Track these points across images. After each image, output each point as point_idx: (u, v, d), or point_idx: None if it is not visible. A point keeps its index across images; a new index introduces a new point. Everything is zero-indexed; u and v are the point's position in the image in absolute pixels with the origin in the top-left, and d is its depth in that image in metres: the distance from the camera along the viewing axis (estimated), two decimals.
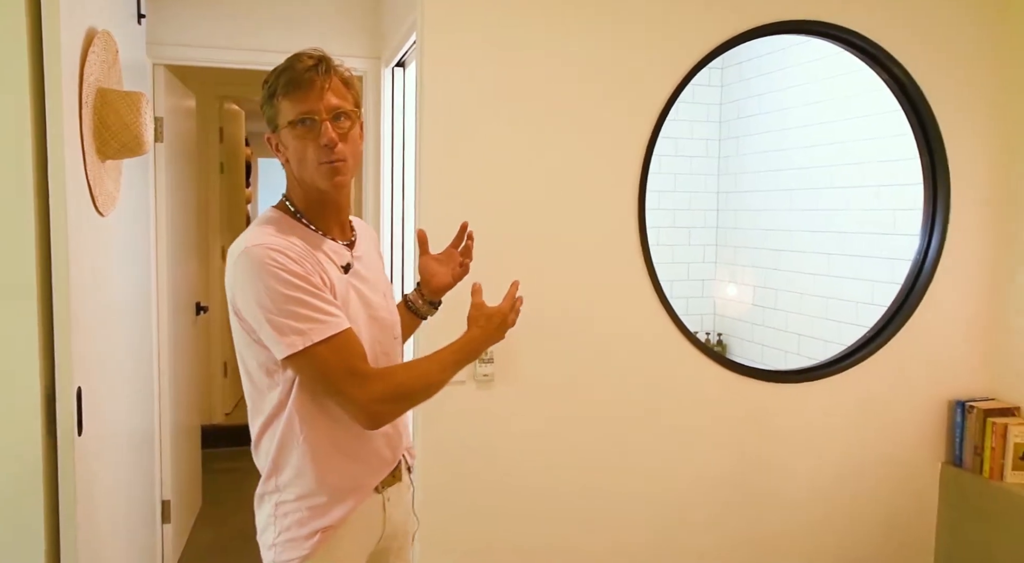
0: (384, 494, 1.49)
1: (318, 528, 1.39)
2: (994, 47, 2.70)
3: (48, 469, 1.70)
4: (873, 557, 2.76)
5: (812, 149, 3.78)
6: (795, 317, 3.88)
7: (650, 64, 2.40)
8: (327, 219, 1.44)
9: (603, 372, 2.44)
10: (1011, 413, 2.67)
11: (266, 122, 1.41)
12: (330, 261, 1.39)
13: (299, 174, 1.39)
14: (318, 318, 1.29)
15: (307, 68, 1.33)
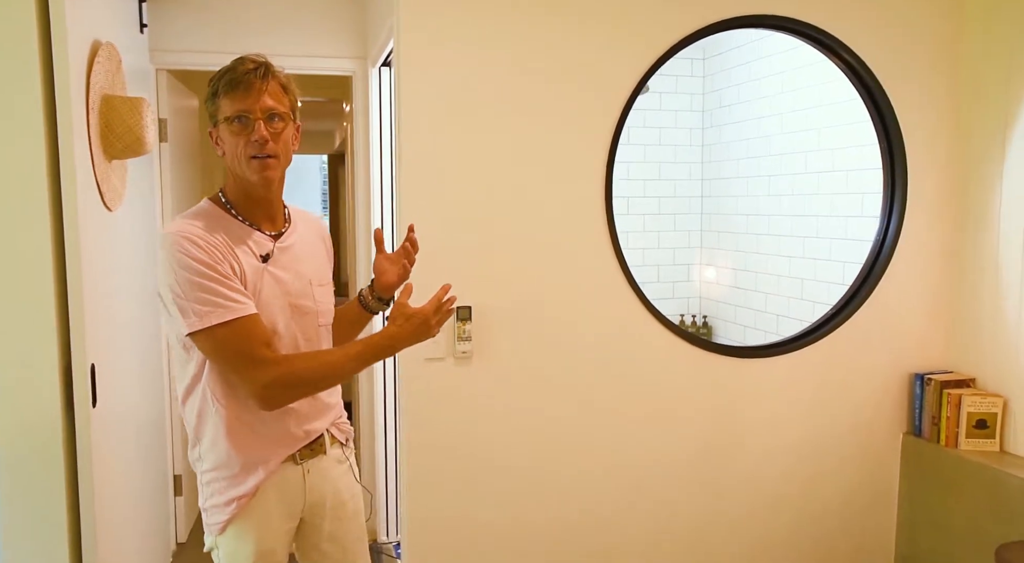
0: (304, 466, 1.62)
1: (234, 496, 1.55)
2: (949, 35, 2.84)
3: (67, 438, 1.91)
4: (838, 523, 2.93)
5: (789, 136, 3.92)
6: (774, 298, 4.04)
7: (614, 60, 2.56)
8: (255, 211, 1.55)
9: (575, 351, 2.61)
10: (967, 384, 2.82)
11: (208, 117, 1.54)
12: (249, 250, 1.51)
13: (232, 167, 1.52)
14: (219, 302, 1.40)
15: (247, 71, 1.47)
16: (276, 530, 1.60)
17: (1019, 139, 2.65)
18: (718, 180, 4.52)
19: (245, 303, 1.44)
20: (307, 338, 1.61)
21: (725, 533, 2.82)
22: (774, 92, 4.02)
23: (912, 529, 2.91)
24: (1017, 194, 2.66)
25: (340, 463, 1.72)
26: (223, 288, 1.42)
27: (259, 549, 1.57)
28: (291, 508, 1.63)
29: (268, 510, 1.59)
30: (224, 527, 1.57)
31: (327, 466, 1.68)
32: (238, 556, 1.57)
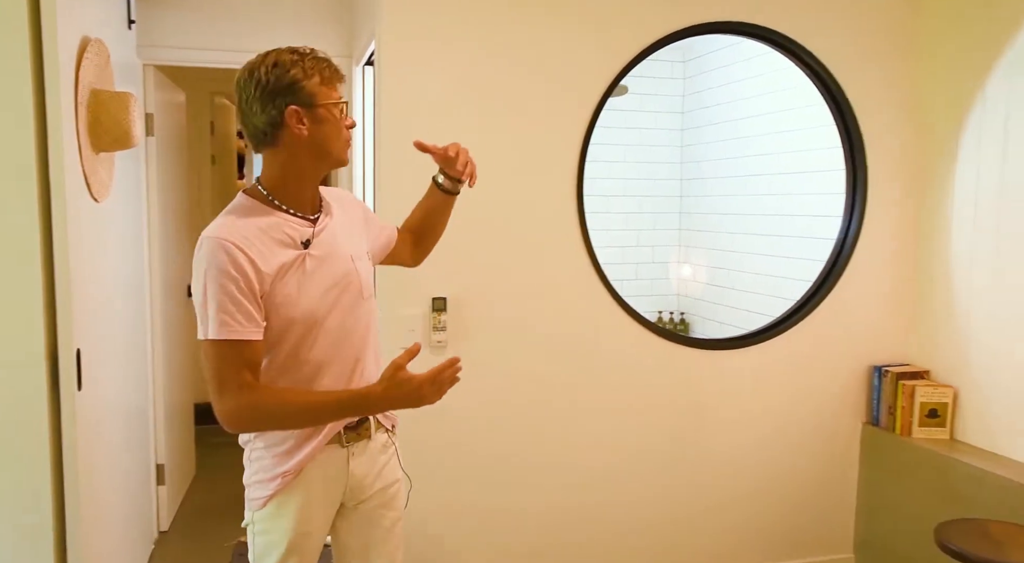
0: (349, 449, 1.65)
1: (279, 472, 1.59)
2: (906, 41, 2.96)
3: (53, 419, 1.99)
4: (801, 508, 3.05)
5: (763, 138, 4.04)
6: (748, 296, 4.15)
7: (587, 62, 2.67)
8: (301, 195, 1.58)
9: (547, 342, 2.71)
10: (921, 376, 2.94)
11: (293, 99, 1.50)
12: (288, 239, 1.54)
13: (322, 148, 1.55)
14: (223, 319, 1.44)
15: (334, 66, 1.58)
16: (315, 514, 1.63)
17: (969, 145, 2.77)
18: (697, 180, 4.63)
19: (246, 326, 1.46)
20: (355, 311, 1.64)
21: (694, 517, 2.93)
22: (750, 95, 4.14)
23: (870, 513, 3.03)
24: (966, 198, 2.78)
25: (385, 449, 1.74)
26: (234, 306, 1.45)
27: (297, 529, 1.60)
28: (333, 492, 1.66)
29: (310, 491, 1.61)
30: (265, 502, 1.59)
31: (372, 451, 1.70)
32: (274, 532, 1.60)
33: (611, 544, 2.85)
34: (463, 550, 2.69)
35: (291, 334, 1.55)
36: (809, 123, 3.64)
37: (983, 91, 2.72)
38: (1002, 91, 2.65)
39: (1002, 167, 2.65)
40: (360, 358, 1.65)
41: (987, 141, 2.71)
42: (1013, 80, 2.60)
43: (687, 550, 2.93)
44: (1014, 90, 2.60)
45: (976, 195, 2.75)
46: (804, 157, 3.74)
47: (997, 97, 2.67)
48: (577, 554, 2.81)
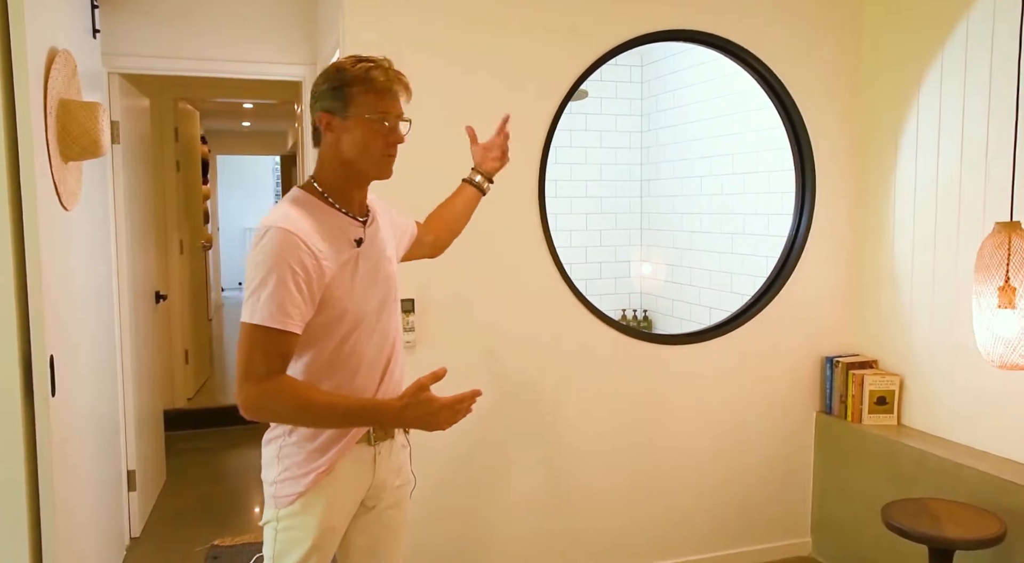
0: (376, 448, 1.68)
1: (312, 469, 1.59)
2: (849, 48, 3.11)
3: (27, 424, 2.02)
4: (759, 494, 3.18)
5: (717, 139, 4.18)
6: (707, 292, 4.29)
7: (547, 68, 2.76)
8: (351, 199, 1.62)
9: (511, 339, 2.80)
10: (870, 366, 3.09)
11: (327, 105, 1.55)
12: (343, 237, 1.59)
13: (353, 159, 1.57)
14: (272, 308, 1.46)
15: (393, 78, 1.56)
16: (341, 509, 1.65)
17: (907, 146, 2.93)
18: (656, 181, 4.76)
19: (292, 319, 1.48)
20: (391, 310, 1.70)
21: (656, 505, 3.04)
22: (704, 98, 4.28)
23: (824, 497, 3.17)
24: (907, 196, 2.94)
25: (404, 448, 1.78)
26: (287, 297, 1.46)
27: (323, 525, 1.61)
28: (359, 488, 1.68)
29: (339, 488, 1.63)
30: (295, 499, 1.59)
31: (395, 450, 1.73)
32: (301, 528, 1.60)
33: (574, 533, 2.94)
34: (434, 543, 2.77)
35: (339, 329, 1.58)
36: (760, 124, 3.79)
37: (919, 95, 2.87)
38: (935, 95, 2.80)
39: (936, 167, 2.80)
40: (391, 359, 1.69)
41: (923, 142, 2.86)
42: (944, 85, 2.76)
43: (649, 537, 3.04)
44: (946, 94, 2.75)
45: (915, 194, 2.90)
46: (756, 157, 3.89)
47: (931, 101, 2.82)
48: (541, 543, 2.90)
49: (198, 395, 5.47)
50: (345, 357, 1.61)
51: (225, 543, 3.35)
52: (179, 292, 5.15)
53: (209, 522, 3.61)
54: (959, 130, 2.71)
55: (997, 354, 2.21)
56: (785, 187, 3.72)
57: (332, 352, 1.59)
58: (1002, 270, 2.19)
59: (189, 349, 5.31)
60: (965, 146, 2.69)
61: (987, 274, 2.22)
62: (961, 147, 2.70)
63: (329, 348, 1.59)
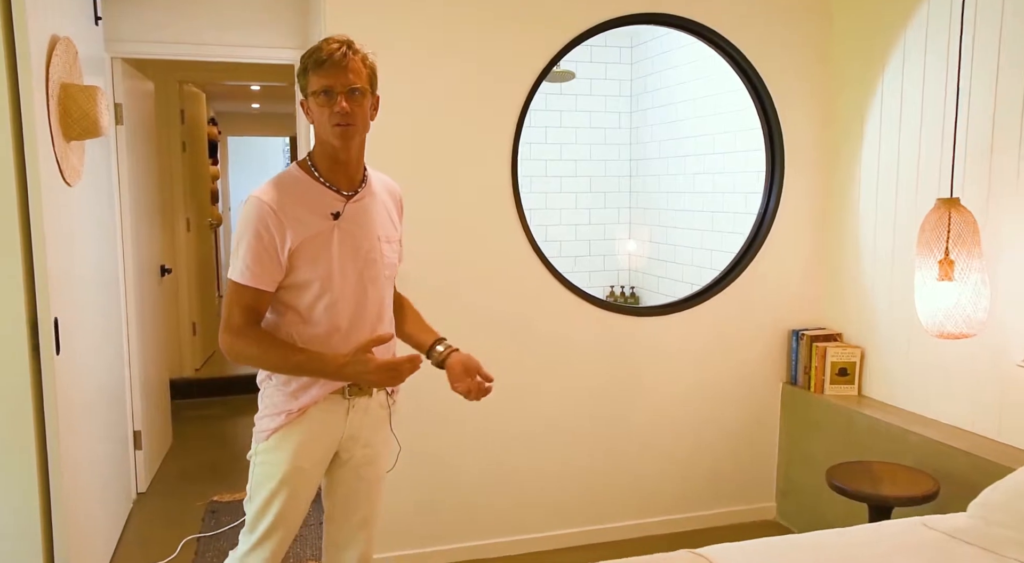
0: (350, 402, 1.81)
1: (285, 409, 1.77)
2: (818, 33, 3.22)
3: (34, 380, 2.22)
4: (728, 461, 3.34)
5: (700, 120, 4.30)
6: (689, 269, 4.43)
7: (519, 54, 2.90)
8: (336, 173, 1.77)
9: (488, 313, 2.97)
10: (834, 339, 3.24)
11: (301, 89, 1.76)
12: (322, 208, 1.74)
13: (318, 134, 1.74)
14: (242, 266, 1.69)
15: (331, 51, 1.68)
16: (312, 452, 1.79)
17: (872, 129, 3.05)
18: (644, 161, 4.89)
19: (260, 276, 1.69)
20: (372, 279, 1.82)
21: (630, 471, 3.21)
22: (689, 78, 4.39)
23: (789, 464, 3.33)
24: (870, 177, 3.06)
25: (382, 409, 1.90)
26: (255, 258, 1.68)
27: (293, 462, 1.76)
28: (331, 437, 1.82)
29: (310, 430, 1.78)
30: (270, 435, 1.77)
31: (371, 408, 1.86)
32: (273, 463, 1.77)
33: (549, 498, 3.13)
34: (405, 511, 2.96)
35: (307, 294, 1.74)
36: (739, 105, 3.90)
37: (883, 80, 2.98)
38: (897, 79, 2.91)
39: (897, 148, 2.92)
40: (373, 331, 1.81)
41: (886, 125, 2.98)
42: (906, 69, 2.87)
43: (622, 500, 3.22)
44: (907, 80, 2.87)
45: (877, 174, 3.03)
46: (735, 138, 4.01)
47: (893, 87, 2.94)
48: (520, 508, 3.09)
49: (206, 366, 5.70)
50: (316, 322, 1.76)
51: (223, 499, 3.57)
52: (185, 267, 5.36)
53: (211, 481, 3.83)
54: (918, 113, 2.83)
55: (936, 324, 2.35)
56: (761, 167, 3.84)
57: (304, 314, 1.76)
58: (942, 244, 2.33)
59: (197, 322, 5.53)
60: (923, 129, 2.81)
61: (928, 249, 2.36)
62: (920, 129, 2.82)
63: (301, 310, 1.76)
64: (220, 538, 3.21)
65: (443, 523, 3.01)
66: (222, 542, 3.18)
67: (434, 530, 2.99)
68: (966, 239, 2.26)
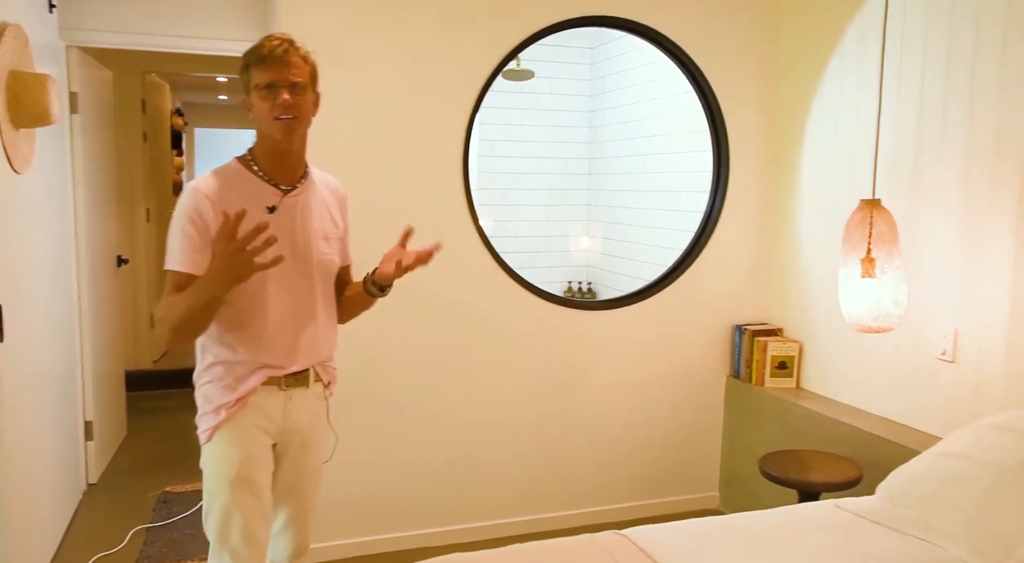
0: (287, 392, 1.83)
1: (222, 403, 1.77)
2: (765, 40, 3.33)
3: None
4: (673, 452, 3.44)
5: (657, 120, 4.40)
6: (644, 266, 4.53)
7: (470, 54, 2.96)
8: (276, 166, 1.79)
9: (440, 307, 3.03)
10: (775, 333, 3.35)
11: (243, 85, 1.77)
12: (258, 201, 1.76)
13: (260, 128, 1.76)
14: (175, 252, 1.71)
15: (272, 47, 1.72)
16: (257, 439, 1.79)
17: (812, 130, 3.16)
18: (602, 159, 4.99)
19: (193, 262, 1.69)
20: (307, 282, 1.83)
21: (575, 461, 3.29)
22: (645, 80, 4.49)
23: (732, 455, 3.44)
24: (810, 179, 3.17)
25: (319, 400, 1.92)
26: (188, 243, 1.70)
27: (245, 453, 1.77)
28: (270, 426, 1.83)
29: (251, 421, 1.79)
30: (211, 434, 1.76)
31: (308, 398, 1.88)
32: (223, 460, 1.76)
33: (497, 488, 3.20)
34: (350, 494, 3.01)
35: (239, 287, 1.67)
36: (691, 107, 4.00)
37: (821, 87, 3.10)
38: (834, 88, 3.03)
39: (835, 150, 3.04)
40: (308, 325, 1.83)
41: (824, 131, 3.09)
42: (842, 77, 2.98)
43: (569, 490, 3.30)
44: (844, 85, 2.98)
45: (817, 175, 3.14)
46: (689, 138, 4.11)
47: (830, 93, 3.05)
48: (467, 497, 3.16)
49: (164, 358, 5.68)
50: (248, 313, 1.77)
51: (176, 489, 3.59)
52: (144, 258, 5.34)
53: (165, 471, 3.85)
54: (852, 119, 2.95)
55: (858, 319, 2.46)
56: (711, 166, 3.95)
57: (236, 310, 1.75)
58: (864, 243, 2.43)
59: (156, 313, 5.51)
60: (855, 134, 2.92)
61: (852, 247, 2.46)
62: (853, 134, 2.93)
63: (232, 306, 1.74)
64: (171, 528, 3.23)
65: (390, 512, 3.06)
66: (172, 532, 3.20)
67: (382, 519, 3.05)
68: (886, 238, 2.36)
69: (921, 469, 1.91)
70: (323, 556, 2.93)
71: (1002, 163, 2.37)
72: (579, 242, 5.10)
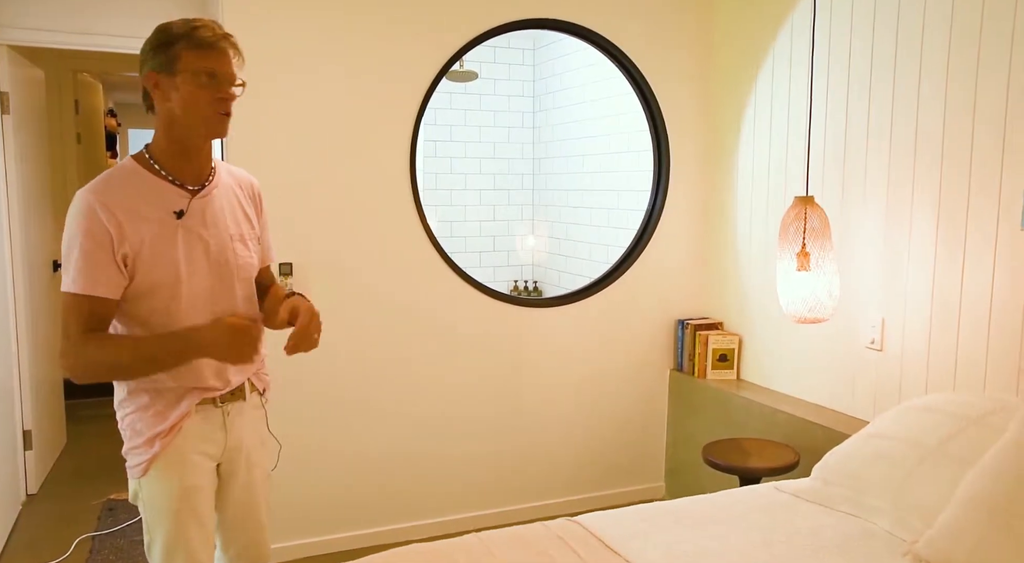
0: (224, 408, 1.68)
1: (155, 434, 1.60)
2: (702, 41, 3.45)
3: None
4: (619, 444, 3.53)
5: (598, 120, 4.50)
6: (587, 263, 4.63)
7: (417, 56, 2.99)
8: (183, 165, 1.59)
9: (387, 303, 3.05)
10: (716, 327, 3.47)
11: (154, 64, 1.54)
12: (163, 206, 1.57)
13: (182, 118, 1.54)
14: (78, 274, 1.51)
15: (219, 35, 1.56)
16: (198, 466, 1.63)
17: (747, 128, 3.29)
18: (546, 159, 5.07)
19: (100, 283, 1.50)
20: (227, 290, 1.67)
21: (525, 455, 3.35)
22: (587, 81, 4.59)
23: (676, 446, 3.55)
24: (745, 176, 3.30)
25: (256, 410, 1.79)
26: (91, 263, 1.49)
27: (184, 484, 1.61)
28: (212, 448, 1.68)
29: (189, 447, 1.62)
30: (147, 468, 1.59)
31: (246, 411, 1.74)
32: (162, 494, 1.60)
33: (446, 484, 3.24)
34: (302, 494, 3.02)
35: (154, 300, 1.57)
36: (632, 107, 4.11)
37: (756, 87, 3.23)
38: (767, 88, 3.16)
39: (768, 147, 3.17)
40: None
41: (758, 125, 3.23)
42: (774, 79, 3.12)
43: (521, 485, 3.36)
44: (776, 86, 3.12)
45: (752, 172, 3.27)
46: (629, 138, 4.22)
47: (764, 93, 3.19)
48: (416, 494, 3.19)
49: None
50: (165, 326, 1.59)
51: (121, 497, 3.52)
52: None
53: (109, 479, 3.76)
54: (784, 118, 3.08)
55: (794, 310, 2.58)
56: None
57: (152, 322, 1.58)
58: (799, 238, 2.56)
59: None
60: (789, 132, 3.06)
61: (787, 242, 2.58)
62: (787, 133, 3.07)
63: (144, 322, 1.58)
64: (117, 535, 3.17)
65: (336, 511, 3.07)
66: (119, 539, 3.14)
67: (328, 518, 3.05)
68: (819, 233, 2.49)
69: (851, 450, 2.03)
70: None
71: (920, 161, 2.52)
72: (525, 241, 5.18)
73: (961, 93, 2.38)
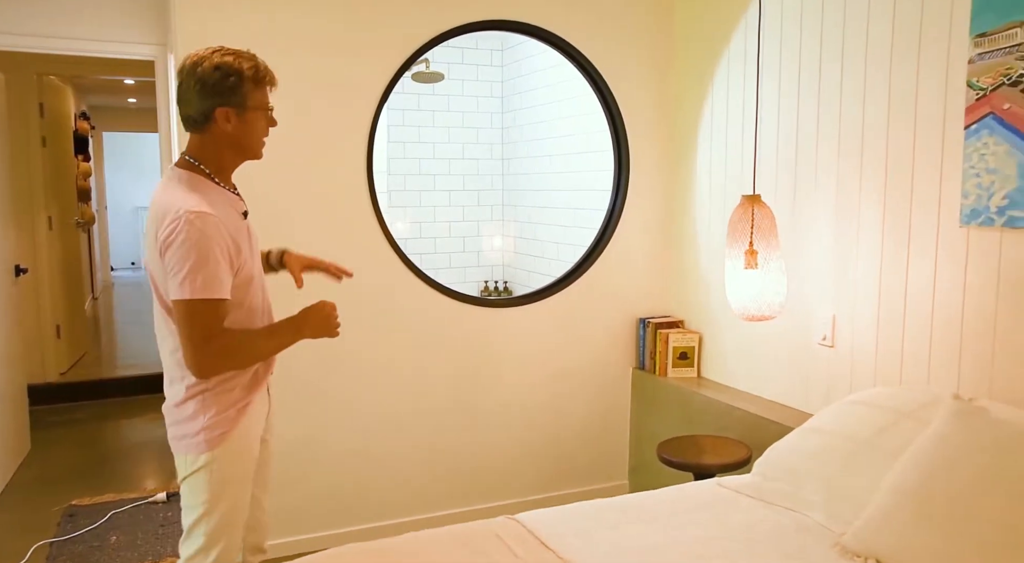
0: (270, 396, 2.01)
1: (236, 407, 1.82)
2: (661, 43, 3.47)
3: None
4: (582, 442, 3.55)
5: (563, 121, 4.52)
6: (555, 263, 4.65)
7: (373, 58, 3.00)
8: (228, 177, 1.88)
9: (348, 304, 3.04)
10: (677, 325, 3.50)
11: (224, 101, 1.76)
12: (234, 210, 1.84)
13: (245, 143, 1.83)
14: (209, 281, 1.68)
15: (271, 73, 1.84)
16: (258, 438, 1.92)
17: (704, 128, 3.32)
18: (514, 160, 5.08)
19: (226, 287, 1.73)
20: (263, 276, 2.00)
21: (488, 454, 3.37)
22: (554, 81, 4.60)
23: (639, 443, 3.57)
24: (703, 175, 3.33)
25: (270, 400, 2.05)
26: (219, 271, 1.70)
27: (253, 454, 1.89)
28: (263, 420, 1.97)
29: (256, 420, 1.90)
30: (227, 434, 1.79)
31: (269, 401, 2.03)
32: (238, 461, 1.83)
33: (409, 483, 3.24)
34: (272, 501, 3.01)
35: (249, 289, 1.84)
36: (595, 108, 4.13)
37: (712, 89, 3.26)
38: (722, 89, 3.19)
39: (725, 146, 3.20)
40: (270, 305, 1.98)
41: (716, 124, 3.26)
42: (729, 78, 3.15)
43: (485, 484, 3.37)
44: (731, 85, 3.15)
45: (710, 171, 3.30)
46: (591, 138, 4.24)
47: (720, 94, 3.21)
48: (379, 492, 3.19)
49: (73, 370, 5.50)
50: (254, 311, 1.88)
51: (83, 503, 3.50)
52: (47, 268, 5.15)
53: (71, 486, 3.74)
54: (739, 119, 3.11)
55: (743, 308, 2.61)
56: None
57: (247, 308, 1.86)
58: (747, 236, 2.58)
59: (61, 324, 5.33)
60: (742, 133, 3.09)
61: (735, 240, 2.61)
62: (742, 134, 3.10)
63: (245, 305, 1.84)
64: (76, 541, 3.16)
65: (303, 510, 3.07)
66: (78, 545, 3.12)
67: (293, 517, 3.05)
68: (766, 231, 2.52)
69: (791, 445, 2.05)
70: None
71: (867, 159, 2.55)
72: (493, 242, 5.19)
73: (902, 89, 2.41)
